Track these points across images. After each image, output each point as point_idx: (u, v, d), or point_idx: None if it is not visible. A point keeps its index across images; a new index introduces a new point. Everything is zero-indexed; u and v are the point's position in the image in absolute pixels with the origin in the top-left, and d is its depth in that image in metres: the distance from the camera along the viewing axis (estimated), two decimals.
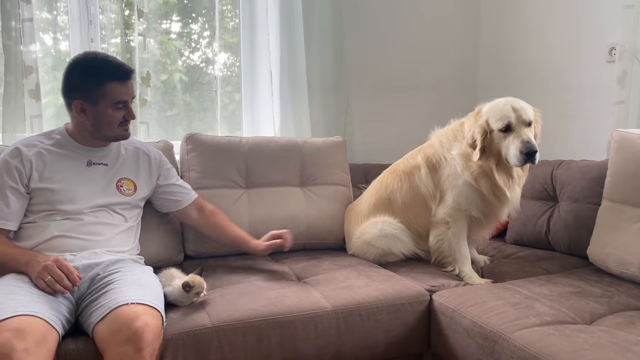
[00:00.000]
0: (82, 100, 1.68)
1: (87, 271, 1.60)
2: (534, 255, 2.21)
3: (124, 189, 1.81)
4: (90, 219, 1.71)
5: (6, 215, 1.64)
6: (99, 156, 1.80)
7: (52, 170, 1.70)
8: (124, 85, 1.70)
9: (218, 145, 2.25)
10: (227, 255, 2.16)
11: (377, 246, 2.13)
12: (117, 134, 1.76)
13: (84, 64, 1.70)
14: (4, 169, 1.67)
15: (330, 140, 2.49)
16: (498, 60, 3.09)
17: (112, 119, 1.71)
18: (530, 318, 1.54)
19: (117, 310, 1.39)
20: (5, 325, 1.28)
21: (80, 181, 1.73)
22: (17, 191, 1.66)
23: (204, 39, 2.77)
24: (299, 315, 1.63)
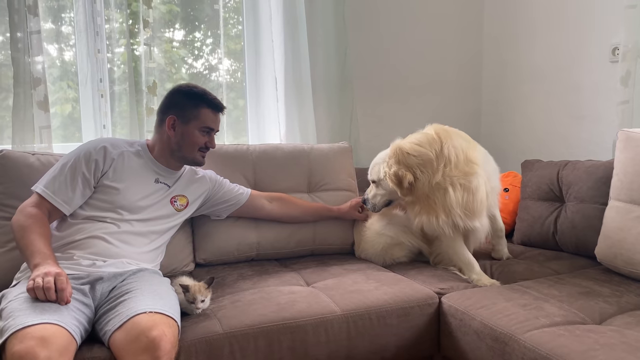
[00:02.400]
0: (177, 116, 1.86)
1: (110, 280, 1.63)
2: (541, 256, 2.22)
3: (178, 205, 1.94)
4: (133, 228, 1.78)
5: (69, 199, 1.73)
6: (167, 177, 1.94)
7: (126, 174, 1.82)
8: (215, 115, 1.91)
9: (226, 154, 2.27)
10: (237, 263, 2.18)
11: (386, 234, 2.16)
12: (195, 158, 1.92)
13: (188, 89, 1.92)
14: (84, 158, 1.78)
15: (337, 146, 2.51)
16: (502, 61, 3.10)
17: (196, 140, 1.88)
18: (540, 319, 1.54)
19: (135, 319, 1.41)
20: (29, 332, 1.30)
21: (144, 194, 1.85)
22: (87, 182, 1.77)
23: (207, 47, 2.79)
24: (309, 319, 1.64)
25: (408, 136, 2.05)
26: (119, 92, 2.47)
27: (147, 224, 1.83)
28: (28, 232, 1.60)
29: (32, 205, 1.69)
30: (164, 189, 1.92)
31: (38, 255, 1.53)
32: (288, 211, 2.19)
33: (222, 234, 2.15)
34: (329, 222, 2.30)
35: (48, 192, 1.72)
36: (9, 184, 1.89)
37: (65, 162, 1.78)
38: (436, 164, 1.90)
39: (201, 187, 2.02)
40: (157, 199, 1.88)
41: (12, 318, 1.36)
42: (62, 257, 1.64)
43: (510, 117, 3.06)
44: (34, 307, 1.39)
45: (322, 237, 2.28)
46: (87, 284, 1.59)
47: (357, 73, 2.90)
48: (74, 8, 2.38)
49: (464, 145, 1.97)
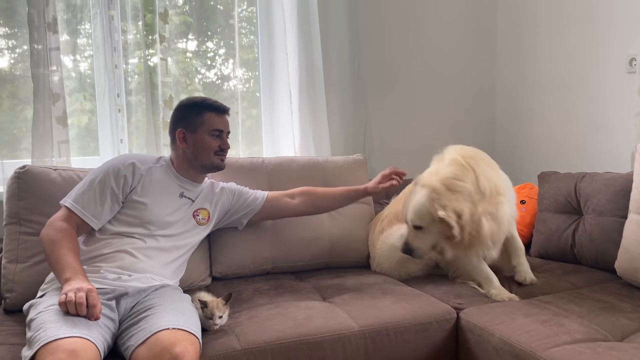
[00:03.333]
0: (184, 129, 1.91)
1: (135, 296, 1.65)
2: (560, 269, 2.19)
3: (200, 218, 1.96)
4: (158, 244, 1.81)
5: (99, 214, 1.77)
6: (190, 190, 1.97)
7: (153, 190, 1.86)
8: (220, 117, 1.94)
9: (242, 167, 2.28)
10: (252, 276, 2.18)
11: None
12: (213, 162, 1.94)
13: (188, 102, 1.98)
14: (112, 173, 1.82)
15: (351, 158, 2.51)
16: (517, 72, 3.09)
17: (209, 144, 1.91)
18: (560, 336, 1.53)
19: (158, 335, 1.42)
20: (61, 345, 1.31)
21: (170, 209, 1.88)
22: (116, 197, 1.80)
23: (219, 57, 2.81)
24: (326, 336, 1.63)
25: (435, 165, 1.99)
26: (135, 104, 2.49)
27: (171, 239, 1.86)
28: (58, 246, 1.62)
29: (62, 220, 1.71)
30: (188, 203, 1.94)
31: (69, 270, 1.55)
32: (315, 203, 2.15)
33: (238, 247, 2.15)
34: (344, 236, 2.30)
35: (77, 207, 1.75)
36: (31, 200, 1.91)
37: (94, 177, 1.81)
38: (475, 197, 1.88)
39: (221, 200, 2.04)
40: (182, 214, 1.91)
41: (42, 330, 1.38)
42: (88, 269, 1.66)
43: (525, 127, 3.04)
44: (65, 321, 1.41)
45: (338, 250, 2.28)
46: (113, 299, 1.61)
47: (370, 85, 2.90)
48: (91, 23, 2.42)
49: (492, 174, 1.95)
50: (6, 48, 2.39)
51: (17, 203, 1.90)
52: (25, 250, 1.88)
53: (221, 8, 2.72)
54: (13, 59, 2.41)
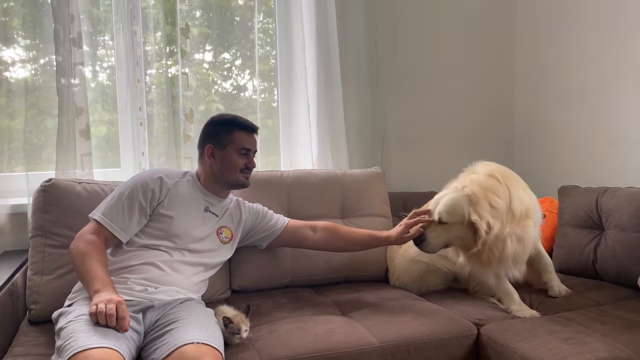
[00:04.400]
0: (213, 145, 1.94)
1: (160, 309, 1.67)
2: (582, 285, 2.17)
3: (223, 237, 1.98)
4: (184, 258, 1.84)
5: (126, 227, 1.80)
6: (215, 206, 1.99)
7: (179, 203, 1.89)
8: (249, 136, 1.97)
9: (260, 181, 2.29)
10: (271, 289, 2.19)
11: (421, 261, 2.14)
12: (239, 179, 1.97)
13: (219, 119, 2.01)
14: (141, 187, 1.86)
15: (369, 171, 2.51)
16: (536, 85, 3.07)
17: (236, 162, 1.94)
18: (584, 354, 1.51)
19: (183, 349, 1.44)
20: (91, 355, 1.34)
21: (195, 223, 1.91)
22: (143, 211, 1.84)
23: (236, 67, 2.84)
24: (346, 351, 1.63)
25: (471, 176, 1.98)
26: (156, 117, 2.52)
27: (197, 255, 1.88)
28: (88, 258, 1.65)
29: (91, 232, 1.75)
30: (214, 219, 1.97)
31: (98, 282, 1.58)
32: (335, 242, 2.11)
33: (257, 261, 2.16)
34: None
35: (106, 220, 1.78)
36: (57, 212, 1.94)
37: (122, 191, 1.85)
38: (506, 217, 1.89)
39: (244, 220, 2.06)
40: (208, 231, 1.94)
41: (73, 339, 1.40)
42: (115, 280, 1.69)
43: (545, 141, 3.02)
44: (96, 331, 1.43)
45: (357, 265, 2.28)
46: (139, 311, 1.63)
47: (388, 98, 2.91)
48: (114, 38, 2.46)
49: (525, 196, 1.96)
50: (27, 60, 2.44)
51: (43, 216, 1.94)
52: (50, 263, 1.91)
53: (238, 19, 2.76)
54: (34, 70, 2.45)
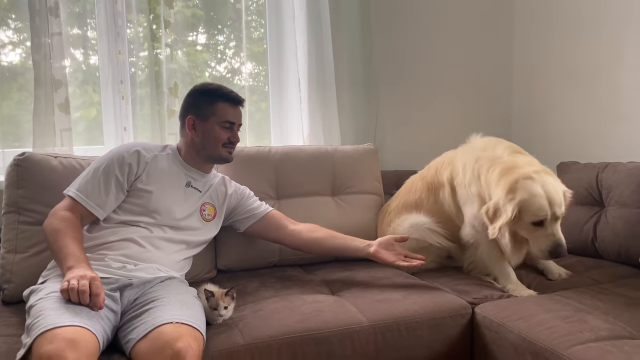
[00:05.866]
0: (195, 116, 1.84)
1: (139, 287, 1.59)
2: (581, 264, 2.09)
3: (206, 214, 1.89)
4: (165, 234, 1.76)
5: (103, 203, 1.72)
6: (198, 181, 1.90)
7: (158, 178, 1.81)
8: (233, 108, 1.87)
9: (248, 156, 2.20)
10: (258, 269, 2.11)
11: (411, 237, 2.05)
12: (221, 154, 1.88)
13: (202, 88, 1.90)
14: (117, 161, 1.76)
15: (362, 147, 2.42)
16: (535, 62, 2.97)
17: (219, 136, 1.84)
18: (583, 333, 1.43)
19: (160, 329, 1.36)
20: (60, 333, 1.25)
21: (176, 199, 1.82)
22: (120, 186, 1.75)
23: (230, 50, 2.74)
24: (335, 330, 1.55)
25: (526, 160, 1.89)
26: (141, 95, 2.43)
27: (179, 232, 1.80)
28: (61, 235, 1.57)
29: (65, 209, 1.67)
30: (196, 195, 1.88)
31: (72, 258, 1.50)
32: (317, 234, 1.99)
33: (243, 239, 2.08)
34: (354, 228, 2.20)
35: (81, 196, 1.69)
36: (31, 188, 1.84)
37: (98, 165, 1.76)
38: None
39: (229, 200, 1.98)
40: (191, 207, 1.85)
41: (42, 317, 1.32)
42: (92, 257, 1.61)
43: (543, 118, 2.93)
44: (66, 308, 1.35)
45: None
46: (117, 290, 1.54)
47: (382, 74, 2.81)
48: (95, 9, 2.35)
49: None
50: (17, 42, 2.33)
51: (16, 191, 1.84)
52: (24, 240, 1.82)
53: (232, 0, 2.64)
54: (25, 52, 2.34)
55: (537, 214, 1.74)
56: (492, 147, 1.96)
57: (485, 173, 1.87)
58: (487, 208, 1.81)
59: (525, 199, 1.74)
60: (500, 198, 1.78)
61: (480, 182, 1.89)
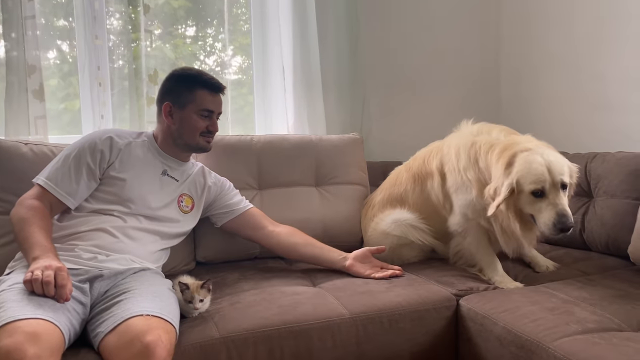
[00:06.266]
0: (172, 102, 1.76)
1: (110, 279, 1.52)
2: (568, 256, 2.05)
3: (183, 205, 1.82)
4: (140, 224, 1.69)
5: (74, 191, 1.64)
6: (174, 169, 1.83)
7: (132, 165, 1.73)
8: (213, 96, 1.78)
9: (228, 145, 2.14)
10: (239, 261, 2.05)
11: (392, 234, 2.00)
12: (199, 143, 1.80)
13: (181, 73, 1.81)
14: (89, 148, 1.69)
15: (347, 137, 2.37)
16: (522, 51, 2.92)
17: (196, 125, 1.76)
18: (570, 325, 1.39)
19: (130, 322, 1.30)
20: (20, 326, 1.19)
21: (151, 187, 1.75)
22: (92, 173, 1.68)
23: (219, 42, 2.66)
24: (314, 323, 1.50)
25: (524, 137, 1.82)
26: (119, 83, 2.35)
27: (154, 222, 1.73)
28: (28, 224, 1.50)
29: (33, 198, 1.60)
30: (173, 184, 1.81)
31: (38, 248, 1.43)
32: (294, 239, 1.92)
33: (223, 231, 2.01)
34: (338, 219, 2.17)
35: (50, 184, 1.62)
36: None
37: (68, 152, 1.69)
38: None
39: (209, 190, 1.90)
40: (167, 197, 1.78)
41: (3, 309, 1.25)
42: (62, 247, 1.54)
43: (532, 108, 2.88)
44: (29, 300, 1.28)
45: (331, 234, 2.13)
46: (86, 281, 1.47)
47: (369, 63, 2.74)
48: None
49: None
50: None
51: None
52: None
53: None
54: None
55: (536, 181, 1.64)
56: (487, 132, 1.90)
57: (485, 156, 1.80)
58: (489, 189, 1.75)
59: (523, 167, 1.67)
60: (499, 174, 1.72)
61: (479, 166, 1.82)
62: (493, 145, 1.79)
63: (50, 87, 2.35)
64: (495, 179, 1.73)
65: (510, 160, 1.70)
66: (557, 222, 1.62)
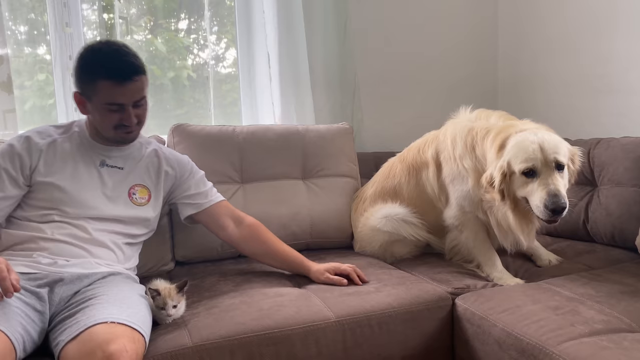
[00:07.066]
0: (80, 92, 1.52)
1: (74, 283, 1.39)
2: (571, 249, 1.93)
3: (137, 197, 1.61)
4: (94, 227, 1.51)
5: None
6: (115, 157, 1.61)
7: (62, 166, 1.53)
8: (120, 87, 1.45)
9: (209, 136, 2.01)
10: (221, 260, 1.93)
11: (382, 230, 1.89)
12: (116, 137, 1.56)
13: (85, 55, 1.50)
14: (8, 153, 1.51)
15: (335, 127, 2.24)
16: (522, 33, 2.78)
17: (105, 119, 1.51)
18: (576, 326, 1.27)
19: (92, 329, 1.17)
20: None
21: (90, 184, 1.55)
22: (15, 181, 1.48)
23: (212, 35, 2.52)
24: (297, 328, 1.38)
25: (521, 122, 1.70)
26: None
27: (105, 223, 1.54)
28: None
29: None
30: (118, 173, 1.60)
31: None
32: (252, 246, 1.74)
33: (202, 227, 1.88)
34: (327, 214, 2.04)
35: None
36: None
37: None
38: None
39: (167, 174, 1.69)
40: (111, 188, 1.57)
41: None
42: (16, 254, 1.41)
43: (531, 93, 2.76)
44: None
45: (319, 230, 2.03)
46: (45, 286, 1.35)
47: (359, 48, 2.60)
48: None
49: None
50: None
51: None
52: None
53: None
54: None
55: (527, 159, 1.52)
56: (485, 117, 1.78)
57: (481, 142, 1.68)
58: (485, 176, 1.63)
59: (514, 147, 1.56)
60: (493, 159, 1.60)
61: (476, 154, 1.70)
62: (489, 130, 1.67)
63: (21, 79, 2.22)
64: (490, 164, 1.60)
65: (503, 143, 1.59)
66: (548, 202, 1.49)
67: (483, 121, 1.75)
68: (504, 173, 1.57)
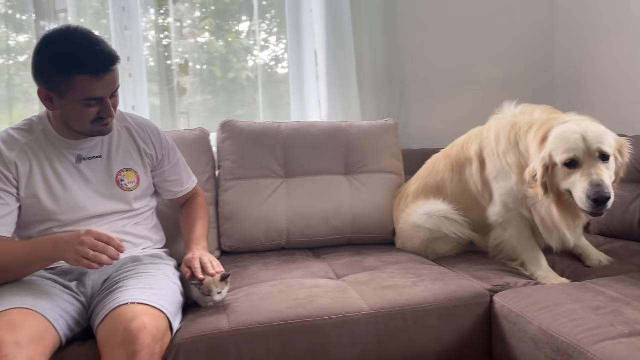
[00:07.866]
0: (47, 89, 1.37)
1: (100, 271, 1.46)
2: (625, 249, 1.85)
3: (125, 183, 1.55)
4: (95, 225, 1.48)
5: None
6: (89, 148, 1.51)
7: (40, 174, 1.45)
8: (98, 80, 1.34)
9: (255, 132, 2.08)
10: (265, 251, 1.99)
11: (424, 227, 1.88)
12: (93, 131, 1.45)
13: (51, 48, 1.34)
14: None
15: (380, 123, 2.24)
16: (580, 24, 2.65)
17: (83, 115, 1.39)
18: (615, 327, 1.22)
19: (116, 311, 1.26)
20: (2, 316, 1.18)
21: (74, 185, 1.48)
22: (10, 194, 1.42)
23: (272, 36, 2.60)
24: (330, 318, 1.41)
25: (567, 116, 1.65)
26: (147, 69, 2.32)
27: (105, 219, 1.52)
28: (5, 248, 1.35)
29: None
30: (99, 164, 1.52)
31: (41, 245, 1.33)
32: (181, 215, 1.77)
33: (248, 218, 1.96)
34: (369, 209, 2.06)
35: None
36: None
37: None
38: None
39: (145, 151, 1.61)
40: (97, 182, 1.51)
41: None
42: None
43: (589, 87, 2.63)
44: (10, 294, 1.27)
45: (360, 225, 2.04)
46: (73, 280, 1.44)
47: (407, 42, 2.58)
48: None
49: None
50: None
51: None
52: None
53: None
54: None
55: (568, 149, 1.49)
56: (529, 112, 1.75)
57: (525, 137, 1.65)
58: (528, 171, 1.61)
59: (555, 137, 1.52)
60: (535, 152, 1.57)
61: (520, 150, 1.67)
62: (532, 124, 1.63)
63: None
64: (532, 158, 1.57)
65: (545, 135, 1.55)
66: (590, 192, 1.44)
67: (527, 116, 1.71)
68: (546, 165, 1.54)
